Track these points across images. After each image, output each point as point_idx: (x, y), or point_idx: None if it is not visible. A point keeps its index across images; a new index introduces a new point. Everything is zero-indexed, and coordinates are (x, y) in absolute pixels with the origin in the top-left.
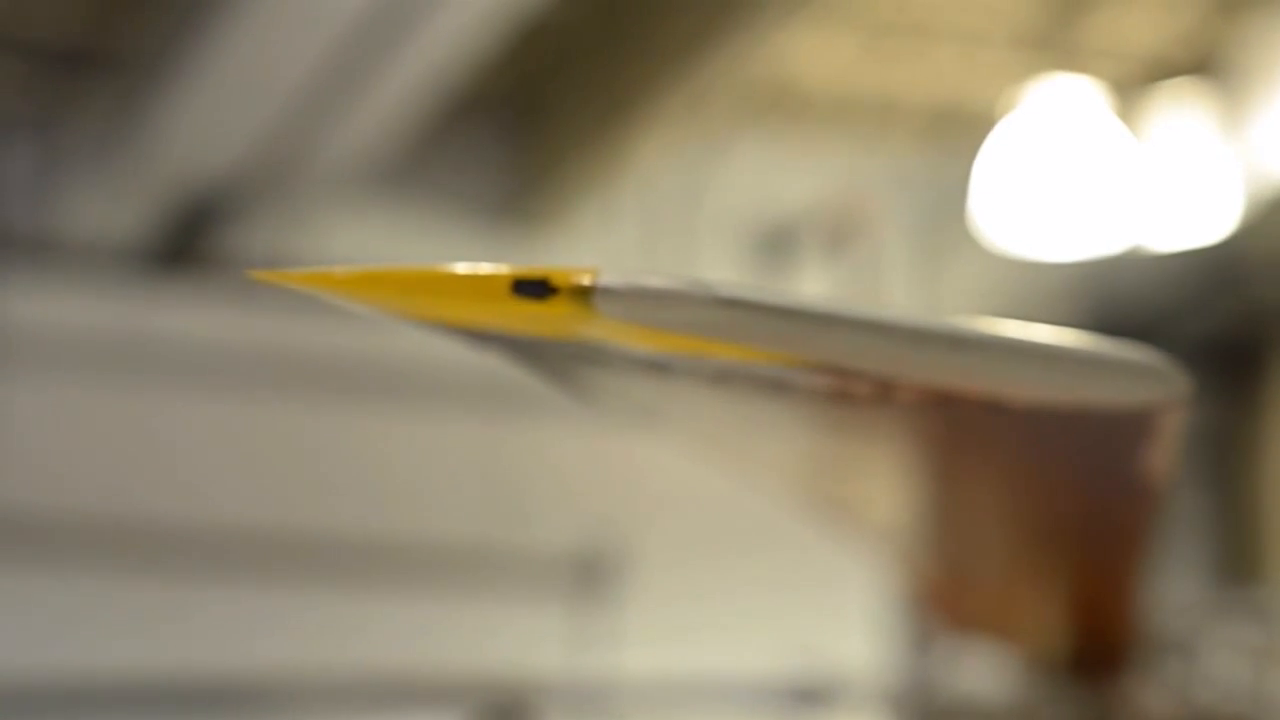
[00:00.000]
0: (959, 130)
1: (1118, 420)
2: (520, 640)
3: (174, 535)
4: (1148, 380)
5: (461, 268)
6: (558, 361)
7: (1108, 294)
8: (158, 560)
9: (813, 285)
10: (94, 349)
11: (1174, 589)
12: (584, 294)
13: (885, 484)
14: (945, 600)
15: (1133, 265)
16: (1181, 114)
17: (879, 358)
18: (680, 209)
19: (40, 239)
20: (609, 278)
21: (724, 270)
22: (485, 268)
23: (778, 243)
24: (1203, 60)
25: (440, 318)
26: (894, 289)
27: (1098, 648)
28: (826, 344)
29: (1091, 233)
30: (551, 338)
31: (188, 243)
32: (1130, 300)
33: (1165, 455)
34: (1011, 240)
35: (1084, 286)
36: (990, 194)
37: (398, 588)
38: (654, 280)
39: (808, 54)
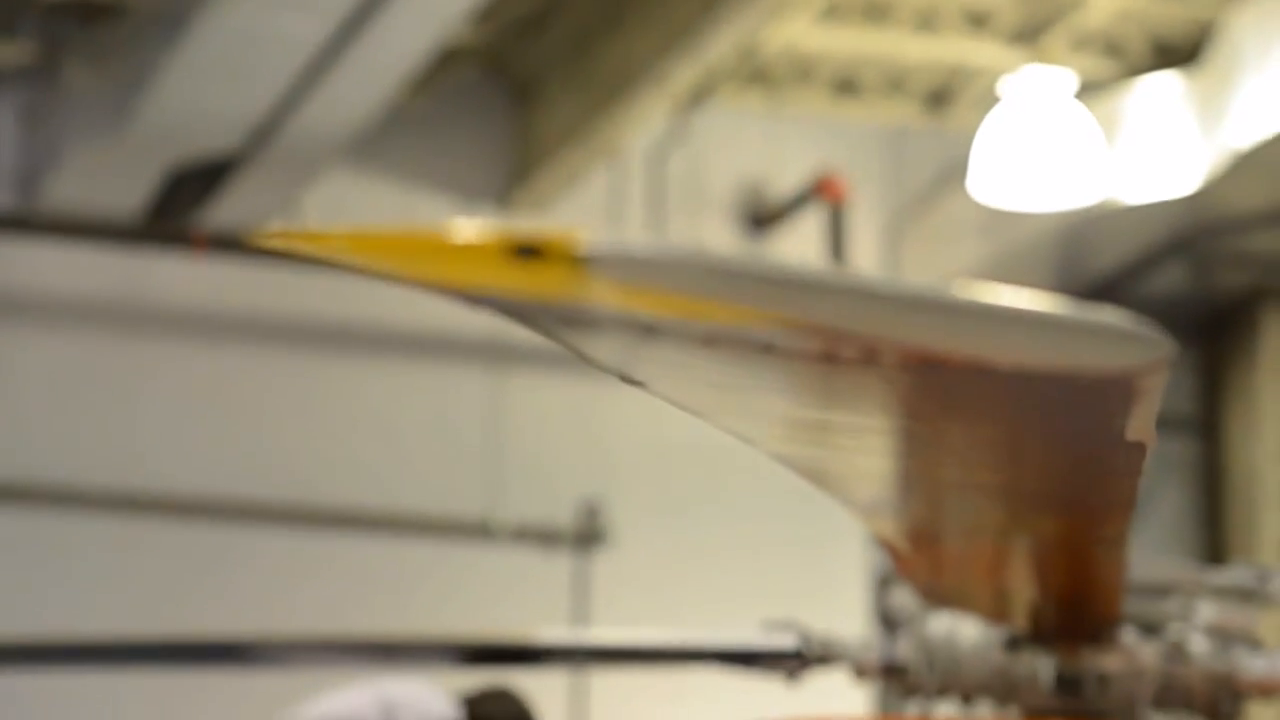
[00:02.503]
0: (943, 101)
1: (1100, 385)
2: (502, 601)
3: (169, 495)
4: (1130, 345)
5: (454, 227)
6: (549, 324)
7: (1079, 251)
8: (152, 519)
9: (797, 253)
10: (82, 310)
11: (1149, 557)
12: (575, 254)
13: (867, 451)
14: (926, 569)
15: (1104, 222)
16: (1158, 83)
17: (864, 320)
18: (669, 180)
19: (30, 199)
20: (599, 238)
21: (710, 239)
22: (477, 227)
23: (762, 211)
24: (1183, 35)
25: (432, 279)
26: (872, 253)
27: (1075, 616)
28: (811, 304)
29: (1065, 190)
30: (542, 301)
31: (179, 206)
32: (1101, 257)
33: (1146, 419)
34: (990, 200)
35: (1056, 243)
36: (973, 159)
37: (383, 547)
38: (643, 240)
39: (795, 26)
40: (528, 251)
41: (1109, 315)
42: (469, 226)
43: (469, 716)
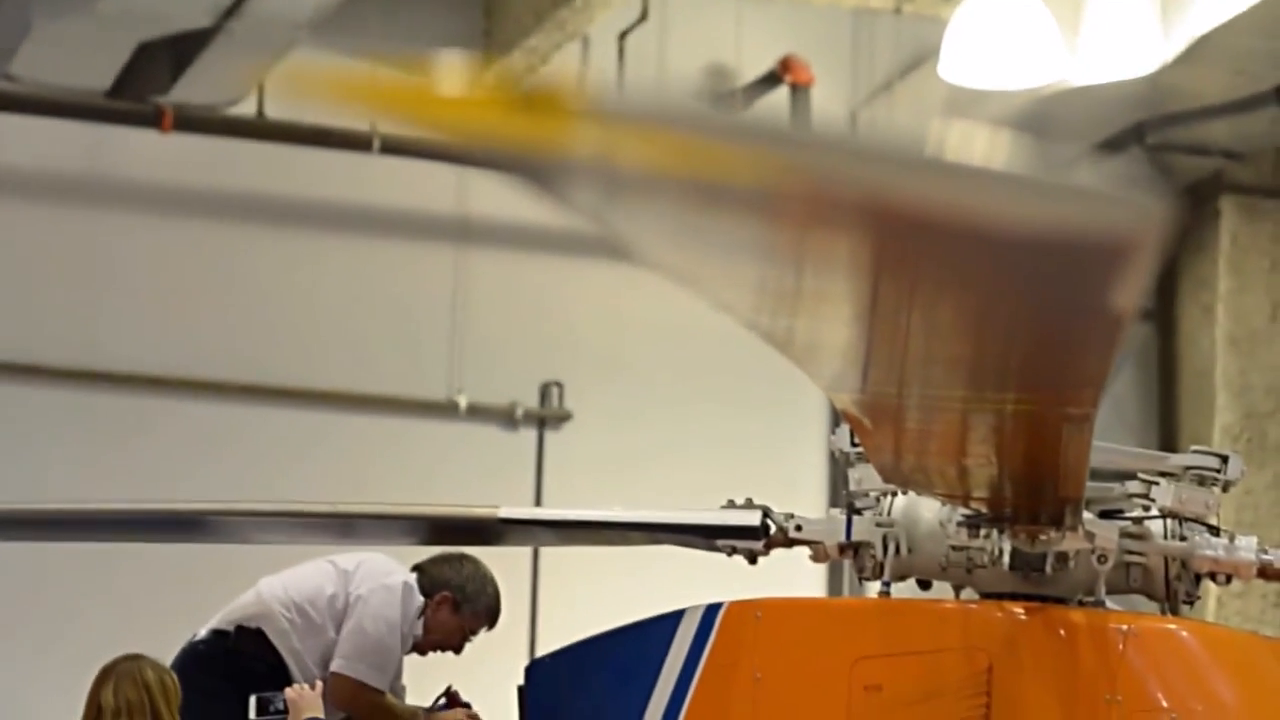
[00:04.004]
0: None
1: (1083, 249)
2: (465, 478)
3: (130, 369)
4: (1116, 208)
5: (452, 75)
6: (541, 175)
7: (1038, 138)
8: (112, 394)
9: None
10: (45, 184)
11: (1108, 442)
12: (573, 99)
13: (841, 320)
14: (890, 446)
15: (1064, 104)
16: None
17: (848, 171)
18: (636, 65)
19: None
20: (596, 82)
21: None
22: (476, 75)
23: (729, 94)
24: None
25: (430, 127)
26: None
27: (1037, 497)
28: (796, 152)
29: (1027, 70)
30: (538, 148)
31: (146, 82)
32: (1060, 143)
33: (1132, 289)
34: (959, 80)
35: (1016, 128)
36: (946, 41)
37: (345, 423)
38: (638, 85)
39: None
40: (526, 97)
41: (1098, 175)
42: (467, 74)
43: (423, 581)
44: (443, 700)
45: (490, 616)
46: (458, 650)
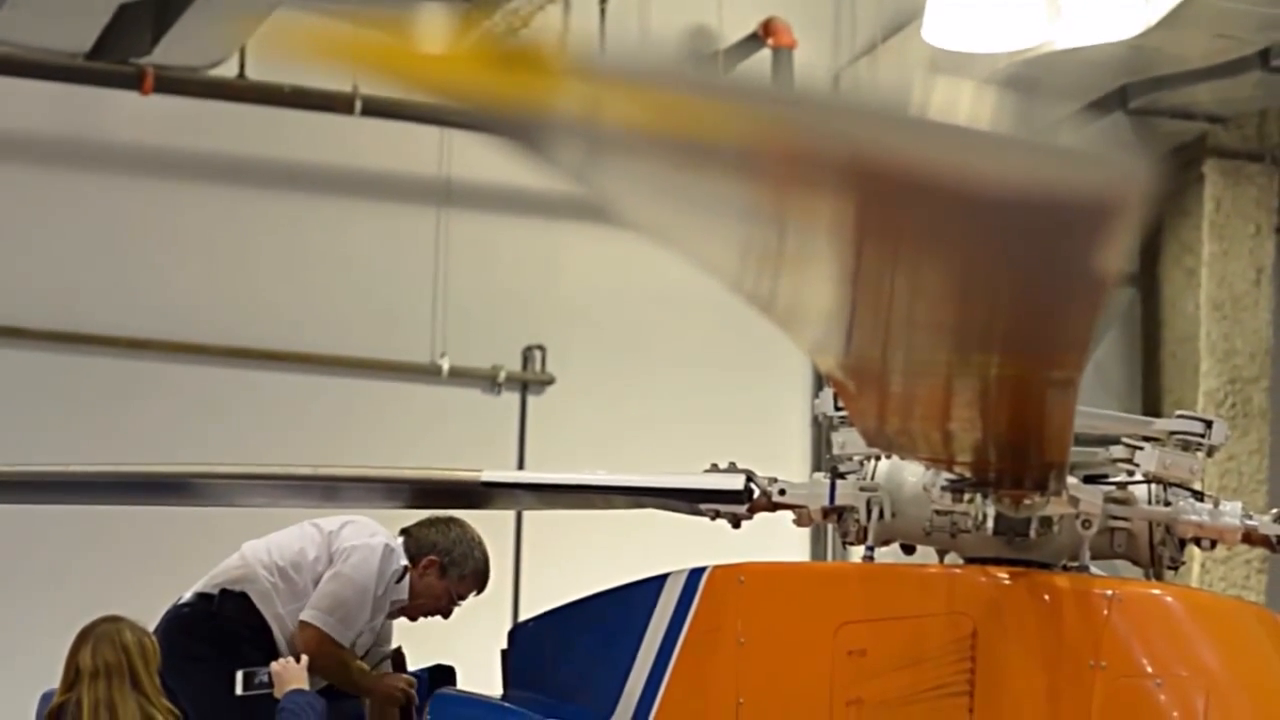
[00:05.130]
0: None
1: (1070, 207)
2: (448, 442)
3: (113, 331)
4: (1101, 167)
5: (437, 32)
6: (525, 133)
7: (1025, 92)
8: (96, 356)
9: None
10: (29, 147)
11: (1092, 407)
12: (557, 52)
13: (824, 280)
14: (874, 410)
15: (1049, 66)
16: None
17: (835, 132)
18: (616, 28)
19: None
20: (579, 36)
21: None
22: (461, 33)
23: (710, 57)
24: None
25: (415, 84)
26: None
27: (1021, 461)
28: (782, 111)
29: (1012, 31)
30: (522, 104)
31: (127, 42)
32: (1045, 108)
33: (1116, 250)
34: (942, 43)
35: (1002, 84)
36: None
37: (328, 385)
38: (624, 42)
39: None
40: (510, 54)
41: (1083, 136)
42: (450, 31)
43: (410, 545)
44: (388, 663)
45: (478, 581)
46: (446, 615)
